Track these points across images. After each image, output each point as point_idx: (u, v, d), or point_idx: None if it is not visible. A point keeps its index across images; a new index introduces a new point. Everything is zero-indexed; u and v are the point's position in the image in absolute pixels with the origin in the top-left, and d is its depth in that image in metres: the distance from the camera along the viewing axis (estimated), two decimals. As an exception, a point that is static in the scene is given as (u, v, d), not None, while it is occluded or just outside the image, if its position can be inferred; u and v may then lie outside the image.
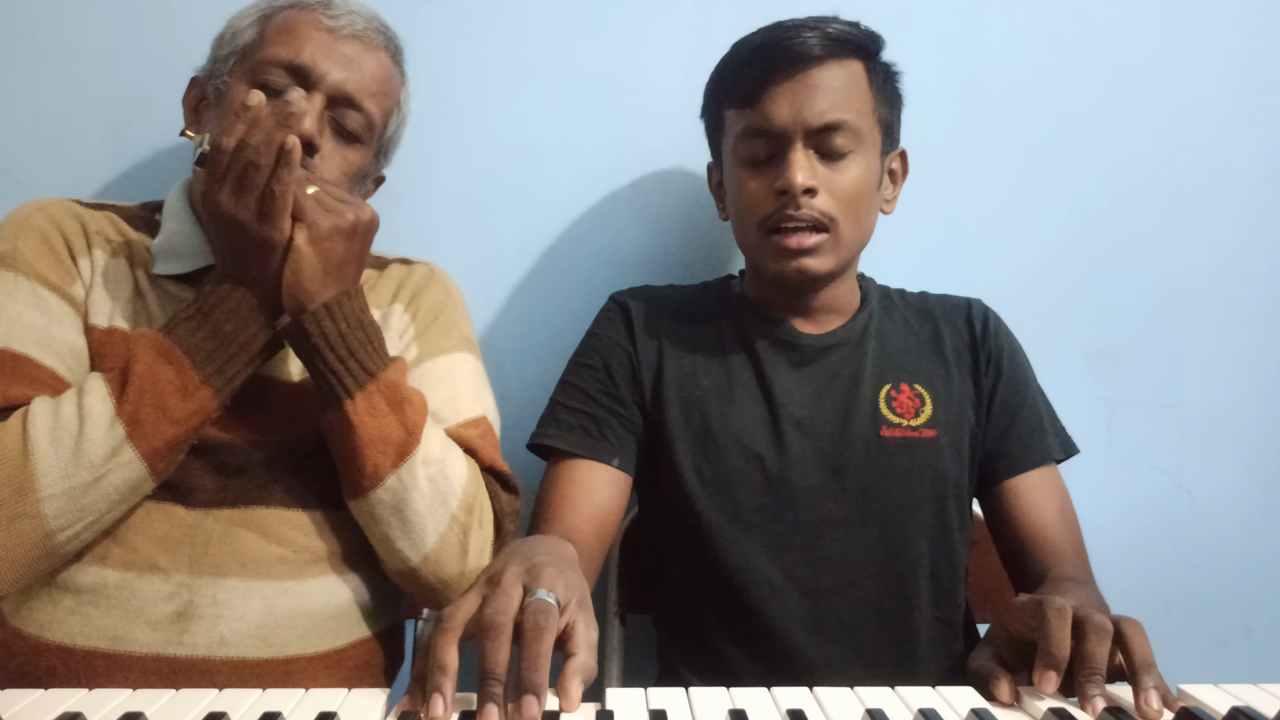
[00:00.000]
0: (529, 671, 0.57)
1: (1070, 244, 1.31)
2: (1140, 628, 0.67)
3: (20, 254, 0.86)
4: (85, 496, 0.76)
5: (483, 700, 0.56)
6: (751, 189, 0.96)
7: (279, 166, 0.77)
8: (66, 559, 0.80)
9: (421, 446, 0.84)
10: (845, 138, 0.94)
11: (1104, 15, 1.31)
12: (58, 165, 1.17)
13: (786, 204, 0.93)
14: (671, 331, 1.04)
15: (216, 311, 0.80)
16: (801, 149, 0.93)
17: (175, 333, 0.80)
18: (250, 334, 0.81)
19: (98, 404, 0.77)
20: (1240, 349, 1.34)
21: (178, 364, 0.79)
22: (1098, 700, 0.62)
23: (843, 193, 0.94)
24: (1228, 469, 1.34)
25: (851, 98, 0.95)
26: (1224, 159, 1.33)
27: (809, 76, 0.93)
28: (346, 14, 0.92)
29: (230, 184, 0.78)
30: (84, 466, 0.75)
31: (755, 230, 0.97)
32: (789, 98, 0.93)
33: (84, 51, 1.17)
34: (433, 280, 1.04)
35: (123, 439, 0.76)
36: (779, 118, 0.93)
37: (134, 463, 0.77)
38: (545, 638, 0.58)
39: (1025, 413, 1.03)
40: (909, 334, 1.05)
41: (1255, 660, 1.35)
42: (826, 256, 0.95)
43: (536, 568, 0.65)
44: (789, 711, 0.60)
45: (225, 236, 0.80)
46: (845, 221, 0.95)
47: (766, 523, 0.96)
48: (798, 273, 0.95)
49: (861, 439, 0.97)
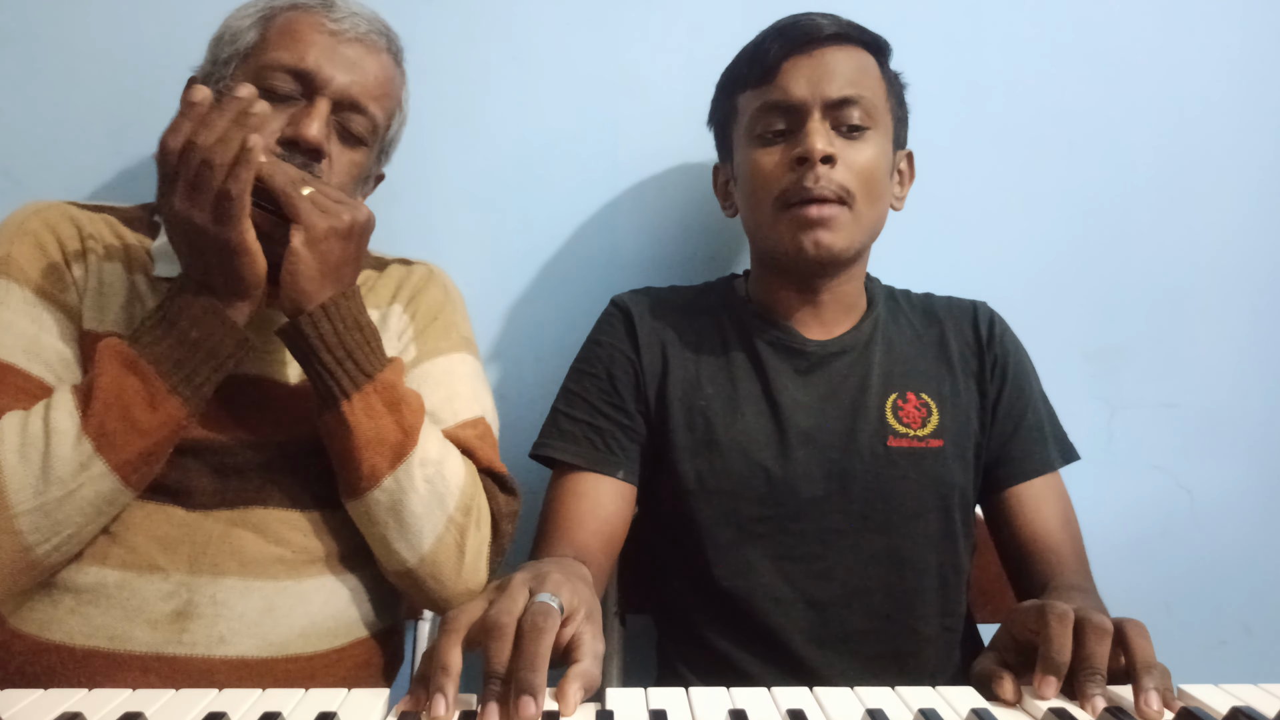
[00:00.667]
0: (525, 671, 0.56)
1: (1071, 245, 1.31)
2: (1142, 628, 0.67)
3: (13, 260, 0.85)
4: (59, 511, 0.76)
5: (486, 699, 0.56)
6: (766, 164, 0.95)
7: (236, 165, 0.74)
8: (54, 569, 0.80)
9: (419, 447, 0.84)
10: (862, 113, 0.94)
11: (1105, 17, 1.31)
12: (58, 165, 1.17)
13: (804, 175, 0.92)
14: (675, 337, 1.02)
15: (182, 319, 0.78)
16: (820, 120, 0.93)
17: (140, 342, 0.78)
18: (217, 340, 0.79)
19: (64, 419, 0.76)
20: (1240, 349, 1.34)
21: (143, 374, 0.77)
22: (1098, 700, 0.61)
23: (860, 168, 0.93)
24: (1228, 469, 1.34)
25: (867, 79, 0.95)
26: (1225, 160, 1.33)
27: (825, 53, 0.94)
28: (349, 16, 0.92)
29: (182, 186, 0.75)
30: (54, 482, 0.75)
31: (770, 207, 0.95)
32: (806, 72, 0.93)
33: (84, 51, 1.17)
34: (432, 280, 1.04)
35: (91, 453, 0.76)
36: (797, 90, 0.93)
37: (105, 476, 0.77)
38: (543, 638, 0.58)
39: (1029, 420, 1.02)
40: (915, 339, 1.04)
41: (1255, 660, 1.35)
42: (843, 232, 0.94)
43: (543, 575, 0.66)
44: (789, 711, 0.60)
45: (183, 240, 0.78)
46: (862, 198, 0.94)
47: (771, 533, 0.95)
48: (814, 245, 0.93)
49: (868, 449, 0.96)
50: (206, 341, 0.79)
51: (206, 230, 0.75)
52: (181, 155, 0.75)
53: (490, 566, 0.91)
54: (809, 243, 0.93)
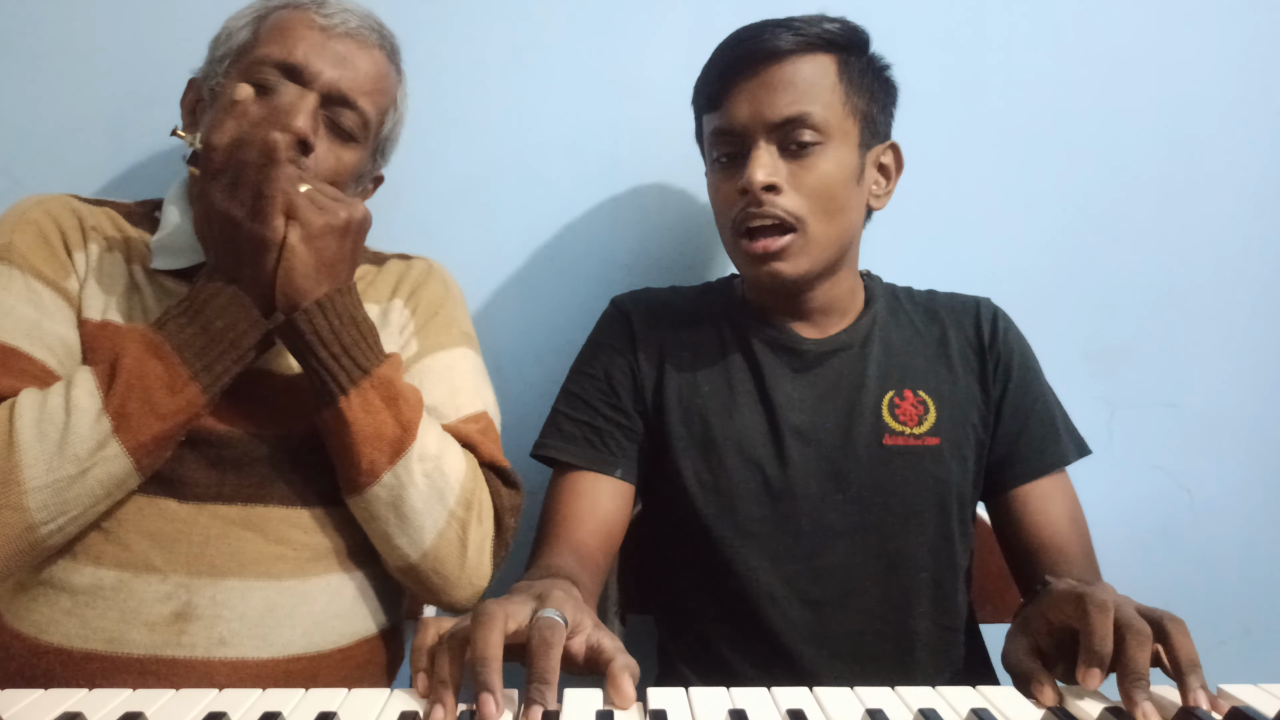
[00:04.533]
0: (536, 685, 0.57)
1: (1070, 243, 1.31)
2: (1183, 625, 0.66)
3: (15, 247, 0.86)
4: (69, 490, 0.76)
5: (479, 689, 0.57)
6: (722, 190, 0.96)
7: (268, 165, 0.78)
8: (50, 553, 0.80)
9: (417, 442, 0.85)
10: (810, 131, 0.92)
11: (1104, 14, 1.31)
12: (58, 165, 1.17)
13: (750, 203, 0.92)
14: (673, 338, 1.03)
15: (207, 308, 0.80)
16: (764, 146, 0.92)
17: (165, 328, 0.80)
18: (240, 331, 0.81)
19: (85, 397, 0.77)
20: (1240, 349, 1.34)
21: (166, 359, 0.78)
22: (1146, 705, 0.61)
23: (810, 188, 0.92)
24: (1228, 469, 1.34)
25: (817, 91, 0.92)
26: (1224, 158, 1.33)
27: (769, 74, 0.92)
28: (340, 12, 0.92)
29: (225, 181, 0.79)
30: (69, 459, 0.75)
31: (729, 233, 0.96)
32: (748, 96, 0.92)
33: (84, 51, 1.17)
34: (432, 275, 1.04)
35: (109, 433, 0.76)
36: (740, 116, 0.93)
37: (120, 457, 0.77)
38: (552, 653, 0.59)
39: (1036, 418, 1.01)
40: (914, 337, 1.03)
41: (1255, 660, 1.35)
42: (797, 259, 0.93)
43: (545, 594, 0.67)
44: (789, 711, 0.60)
45: (219, 234, 0.81)
46: (814, 219, 0.93)
47: (768, 533, 0.95)
48: (770, 277, 0.94)
49: (864, 447, 0.96)
50: (230, 331, 0.80)
51: (243, 225, 0.79)
52: (228, 153, 0.79)
53: (494, 561, 0.91)
54: (764, 274, 0.94)
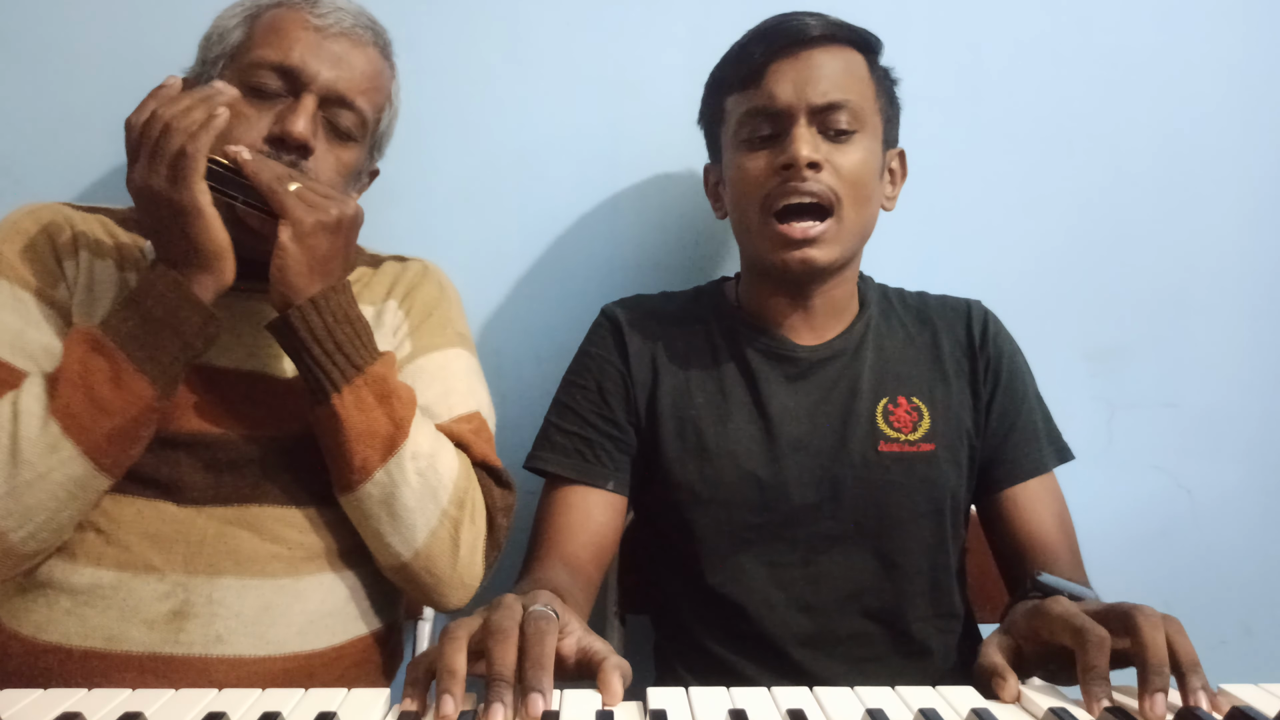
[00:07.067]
0: (532, 669, 0.58)
1: (1071, 245, 1.31)
2: (1180, 626, 0.66)
3: (3, 256, 0.86)
4: (29, 496, 0.76)
5: (491, 700, 0.57)
6: (752, 169, 0.94)
7: (199, 130, 0.76)
8: (34, 558, 0.80)
9: (410, 440, 0.84)
10: (849, 117, 0.92)
11: (1105, 18, 1.31)
12: (58, 165, 1.17)
13: (789, 178, 0.91)
14: (664, 346, 1.02)
15: (147, 298, 0.79)
16: (805, 125, 0.92)
17: (108, 324, 0.79)
18: (181, 318, 0.79)
19: (32, 402, 0.77)
20: (1240, 349, 1.34)
21: (109, 354, 0.78)
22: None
23: (847, 172, 0.92)
24: (1228, 469, 1.34)
25: (853, 81, 0.94)
26: (1224, 160, 1.33)
27: (811, 56, 0.92)
28: (333, 11, 0.92)
29: (144, 157, 0.78)
30: (23, 465, 0.75)
31: (757, 213, 0.94)
32: (792, 76, 0.92)
33: (84, 51, 1.17)
34: (427, 277, 1.04)
35: (59, 434, 0.76)
36: (783, 95, 0.92)
37: (75, 459, 0.77)
38: (546, 639, 0.60)
39: (1023, 421, 1.01)
40: (907, 342, 1.03)
41: (1255, 660, 1.35)
42: (830, 246, 0.93)
43: (534, 594, 0.68)
44: (789, 711, 0.60)
45: (145, 213, 0.80)
46: (849, 203, 0.92)
47: (764, 540, 0.95)
48: (800, 263, 0.93)
49: (859, 455, 0.96)
50: (170, 319, 0.79)
51: (162, 194, 0.77)
52: (144, 129, 0.77)
53: (486, 561, 0.91)
54: (795, 260, 0.93)
